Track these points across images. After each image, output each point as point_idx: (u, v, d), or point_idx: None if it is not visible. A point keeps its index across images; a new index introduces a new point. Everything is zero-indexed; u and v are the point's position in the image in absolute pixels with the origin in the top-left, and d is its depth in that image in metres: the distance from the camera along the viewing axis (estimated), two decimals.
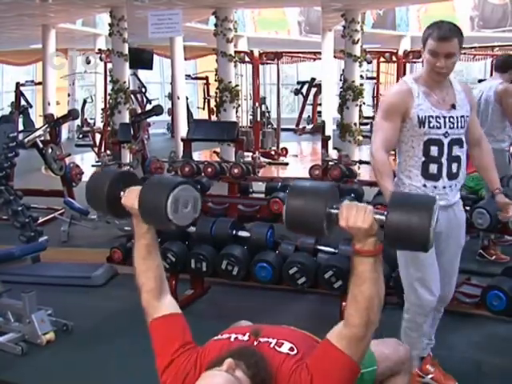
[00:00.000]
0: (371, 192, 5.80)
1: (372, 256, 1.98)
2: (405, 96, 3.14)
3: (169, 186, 2.11)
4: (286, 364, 2.04)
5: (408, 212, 1.88)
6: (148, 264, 2.27)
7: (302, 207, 1.95)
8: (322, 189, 2.02)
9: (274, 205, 4.93)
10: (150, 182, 2.21)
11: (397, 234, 1.90)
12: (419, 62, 13.77)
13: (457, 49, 3.04)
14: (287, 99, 23.40)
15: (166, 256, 4.61)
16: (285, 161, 13.22)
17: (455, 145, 3.17)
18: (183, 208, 2.14)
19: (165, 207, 2.06)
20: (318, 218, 1.94)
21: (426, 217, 1.87)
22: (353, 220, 1.94)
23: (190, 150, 8.41)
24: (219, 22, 11.64)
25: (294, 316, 4.58)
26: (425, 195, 2.32)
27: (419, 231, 1.87)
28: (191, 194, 2.19)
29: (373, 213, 1.94)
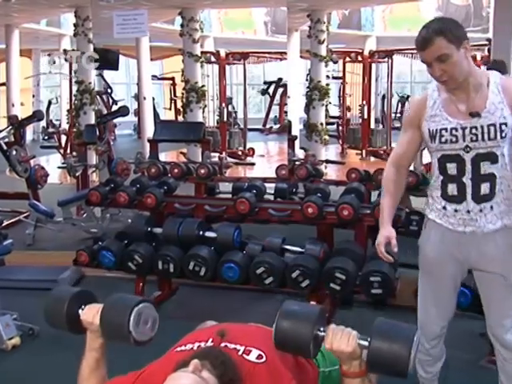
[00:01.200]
0: (338, 191, 5.82)
1: (359, 377, 2.09)
2: (419, 106, 2.80)
3: (134, 301, 2.21)
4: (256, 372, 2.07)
5: (389, 341, 2.02)
6: (94, 375, 2.31)
7: (291, 329, 2.07)
8: (310, 312, 2.14)
9: (241, 205, 4.92)
10: (114, 297, 2.29)
11: (378, 360, 2.03)
12: (384, 61, 13.92)
13: (447, 47, 2.53)
14: (254, 99, 23.40)
15: (132, 258, 4.58)
16: (252, 161, 13.23)
17: (484, 160, 2.66)
18: (143, 324, 2.20)
19: (128, 319, 2.14)
20: (305, 341, 2.06)
21: (406, 347, 2.00)
22: (337, 344, 2.05)
23: (157, 150, 8.39)
24: (185, 22, 11.63)
25: (262, 316, 4.55)
26: (406, 326, 2.18)
27: (399, 360, 2.00)
28: (152, 313, 2.26)
29: (357, 338, 2.06)
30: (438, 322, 2.97)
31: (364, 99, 13.71)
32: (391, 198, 2.92)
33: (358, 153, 13.75)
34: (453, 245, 2.78)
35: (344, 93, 14.82)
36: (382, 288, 4.10)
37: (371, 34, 18.35)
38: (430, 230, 2.88)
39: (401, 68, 21.02)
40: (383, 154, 13.51)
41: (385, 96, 15.00)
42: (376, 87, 15.90)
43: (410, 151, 2.90)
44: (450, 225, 2.76)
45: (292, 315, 2.12)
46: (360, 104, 13.86)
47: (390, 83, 13.99)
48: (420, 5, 17.49)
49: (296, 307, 2.18)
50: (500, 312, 2.80)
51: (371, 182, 6.12)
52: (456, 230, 2.74)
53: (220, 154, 12.32)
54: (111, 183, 5.80)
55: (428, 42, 2.55)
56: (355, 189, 5.33)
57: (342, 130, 14.94)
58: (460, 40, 2.55)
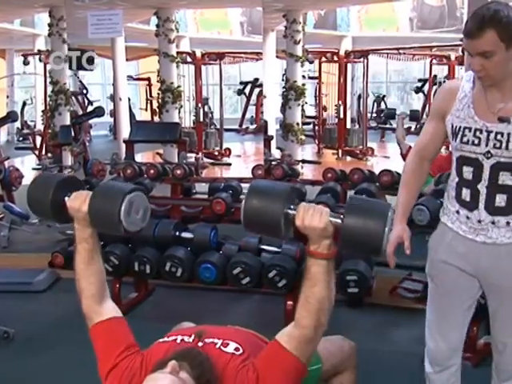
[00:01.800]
0: (314, 191, 5.84)
1: (325, 259, 2.03)
2: (448, 95, 2.54)
3: (126, 189, 2.13)
4: (232, 364, 2.05)
5: (363, 217, 1.96)
6: (90, 269, 2.25)
7: (260, 207, 1.99)
8: (280, 189, 2.07)
9: (217, 205, 4.93)
10: (105, 184, 2.25)
11: (352, 237, 1.97)
12: (360, 61, 13.99)
13: (496, 45, 2.25)
14: (230, 99, 23.38)
15: (108, 259, 4.56)
16: (228, 161, 13.22)
17: (503, 170, 2.41)
18: (134, 214, 2.15)
19: (119, 207, 2.07)
20: (275, 218, 1.98)
21: (381, 222, 1.95)
22: (309, 220, 1.99)
23: (133, 151, 8.37)
24: (161, 22, 11.57)
25: (239, 316, 4.60)
26: (381, 202, 2.15)
27: (373, 236, 1.95)
28: (144, 202, 2.20)
29: (329, 215, 2.00)
30: (439, 342, 2.73)
31: (340, 99, 13.74)
32: (409, 192, 2.68)
33: (334, 152, 13.78)
34: (462, 250, 2.57)
35: (320, 93, 14.86)
36: (358, 287, 4.14)
37: (347, 34, 18.40)
38: (440, 232, 2.68)
39: (376, 68, 21.13)
40: (359, 154, 13.58)
41: (361, 96, 15.07)
42: (352, 87, 15.95)
43: (434, 143, 2.65)
44: (461, 231, 2.55)
45: (262, 192, 2.05)
46: (336, 104, 13.88)
47: (365, 83, 14.04)
48: (395, 5, 17.58)
49: (265, 184, 2.15)
50: (508, 333, 2.62)
51: (347, 181, 6.15)
52: (466, 237, 2.54)
53: (196, 154, 12.31)
54: (87, 184, 5.77)
55: (477, 34, 2.26)
56: (331, 188, 5.36)
57: (318, 129, 14.97)
58: (507, 38, 2.26)
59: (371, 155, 13.65)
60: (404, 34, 18.24)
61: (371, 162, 13.28)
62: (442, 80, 14.79)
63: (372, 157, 13.63)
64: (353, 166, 7.18)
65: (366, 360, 2.89)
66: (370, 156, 13.59)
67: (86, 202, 2.15)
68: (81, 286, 2.26)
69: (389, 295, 4.84)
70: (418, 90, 17.99)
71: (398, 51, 15.07)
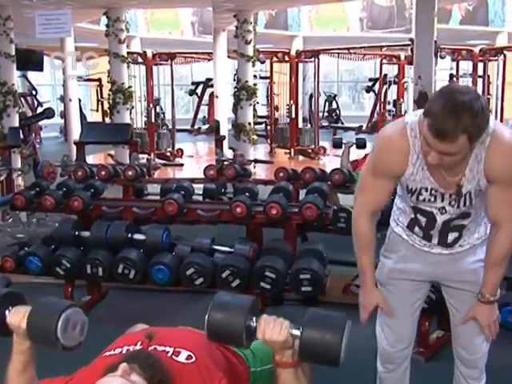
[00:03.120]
0: (266, 190, 5.85)
1: (292, 366, 2.10)
2: (399, 158, 2.37)
3: (62, 306, 2.15)
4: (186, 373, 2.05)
5: (321, 330, 2.05)
6: (23, 379, 2.23)
7: (223, 320, 2.07)
8: (242, 303, 2.14)
9: (169, 206, 4.90)
10: (41, 301, 2.22)
11: (310, 349, 2.05)
12: (311, 61, 14.07)
13: (463, 147, 2.14)
14: (182, 100, 23.32)
15: (60, 262, 4.51)
16: (180, 162, 13.18)
17: (455, 220, 2.48)
18: (71, 330, 2.15)
19: (55, 325, 2.08)
20: (237, 331, 2.06)
21: (338, 335, 2.03)
22: (269, 333, 2.05)
23: (84, 153, 8.29)
24: (111, 22, 11.48)
25: (193, 317, 4.52)
26: (338, 315, 2.14)
27: (331, 349, 2.04)
28: (81, 317, 2.20)
29: (289, 328, 2.07)
30: (393, 344, 2.76)
31: (291, 99, 13.81)
32: (371, 255, 2.61)
33: (286, 152, 13.84)
34: (417, 261, 2.61)
35: (272, 92, 14.90)
36: (311, 285, 4.15)
37: (298, 34, 18.51)
38: (393, 241, 2.67)
39: (328, 67, 21.31)
40: (311, 153, 13.66)
41: (312, 95, 15.14)
42: (303, 87, 16.02)
43: (386, 199, 2.54)
44: (416, 244, 2.59)
45: (224, 306, 2.12)
46: (288, 103, 13.95)
47: (317, 83, 14.13)
48: (345, 5, 17.74)
49: (228, 298, 2.19)
50: (470, 329, 2.63)
51: (299, 180, 6.17)
52: (422, 249, 2.58)
53: (148, 155, 12.26)
54: (37, 187, 5.69)
55: (448, 139, 2.10)
56: (283, 188, 5.36)
57: (270, 129, 15.02)
58: (479, 137, 2.17)
59: (323, 154, 13.75)
60: (354, 34, 18.44)
61: (323, 161, 13.37)
62: (392, 79, 14.99)
63: (324, 156, 13.72)
64: (305, 165, 7.19)
65: None
66: (322, 155, 13.69)
67: (25, 318, 2.15)
68: None
69: (342, 293, 4.88)
70: (368, 89, 18.21)
71: (349, 51, 15.21)
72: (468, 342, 2.67)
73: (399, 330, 2.73)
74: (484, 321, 2.54)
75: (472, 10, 18.25)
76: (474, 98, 2.11)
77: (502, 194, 2.34)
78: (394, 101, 14.95)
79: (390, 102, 15.50)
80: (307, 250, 4.54)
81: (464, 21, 18.26)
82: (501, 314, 3.36)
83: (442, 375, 2.94)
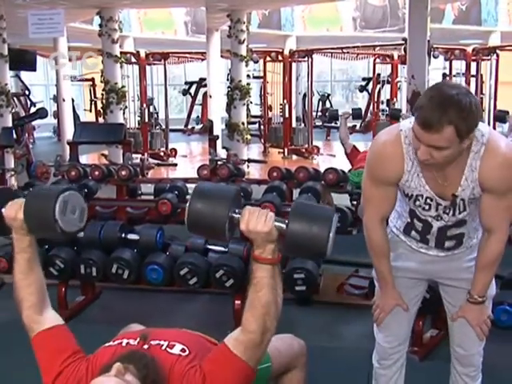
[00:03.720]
0: (260, 190, 5.86)
1: (270, 263, 2.02)
2: (395, 164, 2.38)
3: (59, 189, 2.11)
4: (178, 365, 2.04)
5: (308, 221, 1.96)
6: (29, 279, 2.20)
7: (205, 210, 1.96)
8: (225, 192, 2.05)
9: (163, 206, 4.91)
10: (38, 187, 2.20)
11: (296, 241, 1.97)
12: (304, 60, 14.07)
13: (451, 140, 2.12)
14: (176, 100, 23.31)
15: (54, 263, 4.50)
16: (174, 161, 13.17)
17: (451, 228, 2.49)
18: (70, 213, 2.12)
19: (53, 207, 2.04)
20: (220, 222, 1.96)
21: (325, 227, 1.95)
22: (253, 224, 1.97)
23: (77, 153, 8.27)
24: (104, 22, 11.45)
25: (187, 317, 4.58)
26: (325, 207, 2.13)
27: (317, 240, 1.95)
28: (79, 201, 2.17)
29: (274, 219, 1.99)
30: (389, 340, 2.77)
31: (285, 98, 13.81)
32: (388, 261, 2.61)
33: (280, 151, 13.84)
34: (414, 260, 2.64)
35: (265, 92, 14.89)
36: (305, 285, 4.16)
37: (291, 33, 18.51)
38: (391, 240, 2.65)
39: (321, 67, 21.32)
40: (305, 153, 13.66)
41: (305, 95, 15.15)
42: (297, 86, 16.00)
43: (392, 203, 2.53)
44: (413, 245, 2.62)
45: (206, 195, 2.02)
46: (281, 103, 13.95)
47: (310, 82, 14.14)
48: (338, 5, 17.75)
49: (210, 186, 2.12)
50: (465, 327, 2.63)
51: (292, 180, 6.18)
52: (419, 251, 2.61)
53: (142, 155, 12.25)
54: (30, 187, 5.68)
55: (434, 129, 2.10)
56: (277, 187, 5.38)
57: (264, 129, 15.01)
58: (469, 133, 2.16)
59: (317, 154, 13.75)
60: (348, 34, 18.44)
61: (317, 160, 13.38)
62: (385, 78, 15.01)
63: (318, 155, 13.73)
64: (299, 164, 7.21)
65: (316, 357, 2.91)
66: (315, 154, 13.69)
67: (21, 208, 2.12)
68: (19, 296, 2.21)
69: (336, 292, 4.89)
70: (362, 88, 18.23)
71: (342, 50, 15.21)
72: (464, 340, 2.67)
73: (395, 326, 2.73)
74: (473, 320, 2.55)
75: (465, 10, 18.28)
76: (462, 93, 2.13)
77: (497, 203, 2.35)
78: (387, 100, 14.96)
79: (384, 102, 15.51)
80: None
81: (457, 20, 18.28)
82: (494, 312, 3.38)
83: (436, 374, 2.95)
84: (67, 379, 2.06)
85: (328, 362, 3.69)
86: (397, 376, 2.82)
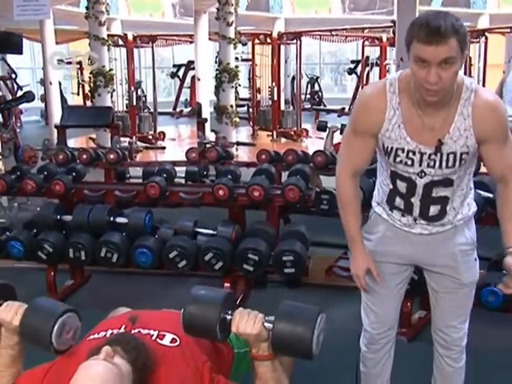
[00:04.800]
0: (249, 173, 5.85)
1: (267, 360, 2.12)
2: (376, 112, 2.34)
3: (59, 310, 2.15)
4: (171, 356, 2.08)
5: (293, 323, 2.08)
6: (9, 372, 2.22)
7: (198, 314, 2.12)
8: (217, 296, 2.18)
9: (151, 189, 4.89)
10: (38, 302, 2.22)
11: (282, 342, 2.09)
12: (293, 43, 14.02)
13: (457, 51, 2.08)
14: (164, 83, 23.20)
15: (42, 247, 4.49)
16: (162, 145, 13.15)
17: (437, 186, 2.40)
18: (65, 334, 2.15)
19: (51, 329, 2.09)
20: (211, 324, 2.10)
21: (309, 328, 2.07)
22: (243, 327, 2.08)
23: (65, 136, 8.24)
24: (91, 4, 11.37)
25: (177, 299, 4.53)
26: (310, 307, 2.16)
27: (302, 342, 2.07)
28: (75, 322, 2.20)
29: (262, 321, 2.10)
30: (376, 326, 2.75)
31: (274, 81, 13.79)
32: (357, 216, 2.57)
33: (268, 134, 13.83)
34: (398, 242, 2.57)
35: (254, 75, 14.86)
36: (294, 267, 4.16)
37: (280, 15, 18.46)
38: (374, 222, 2.64)
39: (310, 50, 21.26)
40: (294, 135, 13.66)
41: (294, 77, 15.11)
42: (285, 69, 15.96)
43: (367, 157, 2.48)
44: (396, 223, 2.54)
45: (199, 300, 2.16)
46: (270, 86, 13.93)
47: (299, 65, 14.11)
48: None
49: (203, 292, 2.22)
50: (448, 312, 2.65)
51: (281, 162, 6.18)
52: (403, 229, 2.54)
53: (130, 138, 12.21)
54: (17, 171, 5.66)
55: (442, 38, 2.05)
56: (265, 170, 5.37)
57: (253, 111, 14.98)
58: (466, 49, 2.15)
59: (306, 136, 13.76)
60: (336, 16, 18.41)
61: (306, 143, 13.38)
62: (374, 61, 14.98)
63: (306, 138, 13.73)
64: (287, 147, 7.20)
65: None
66: (304, 137, 13.69)
67: (18, 315, 2.15)
68: None
69: (325, 274, 4.90)
70: (351, 71, 18.17)
71: (331, 33, 15.17)
72: (446, 325, 2.67)
73: (382, 312, 2.72)
74: None
75: None
76: (450, 15, 2.12)
77: (500, 152, 2.33)
78: None
79: None
80: (290, 232, 4.55)
81: (446, 2, 18.28)
82: (481, 294, 3.41)
83: (424, 355, 2.96)
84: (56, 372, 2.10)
85: None
86: (385, 359, 2.82)
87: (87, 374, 1.85)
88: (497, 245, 2.38)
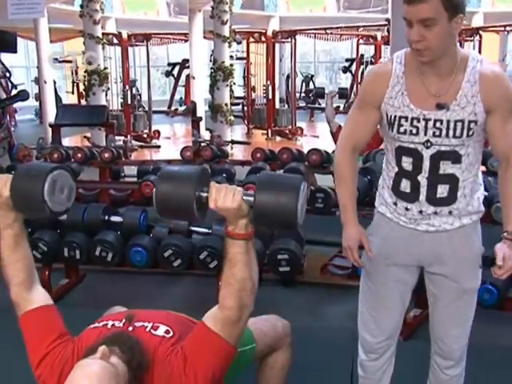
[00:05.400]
0: (243, 171, 5.86)
1: (243, 239, 2.01)
2: (380, 81, 2.34)
3: (47, 168, 2.08)
4: (162, 346, 2.05)
5: (275, 192, 1.93)
6: (17, 255, 2.18)
7: (172, 192, 1.95)
8: (190, 172, 2.02)
9: (146, 188, 4.89)
10: (25, 165, 2.17)
11: (265, 213, 1.94)
12: (288, 41, 14.03)
13: (438, 12, 2.08)
14: (159, 81, 23.19)
15: (37, 246, 4.48)
16: (157, 143, 13.14)
17: (444, 160, 2.30)
18: (59, 193, 2.10)
19: (42, 187, 2.02)
20: (187, 202, 1.94)
21: (293, 196, 1.92)
22: (222, 201, 1.96)
23: (59, 135, 8.22)
24: (85, 2, 11.38)
25: (172, 299, 4.58)
26: (293, 176, 2.05)
27: (286, 211, 1.92)
28: (68, 180, 2.15)
29: (242, 194, 1.97)
30: (376, 334, 2.63)
31: (268, 79, 13.78)
32: (351, 189, 2.52)
33: (263, 133, 13.83)
34: (402, 242, 2.46)
35: (248, 73, 14.85)
36: (289, 265, 4.17)
37: (274, 14, 18.47)
38: (377, 223, 2.55)
39: (304, 48, 21.26)
40: (289, 134, 13.66)
41: (289, 76, 15.12)
42: (280, 67, 15.98)
43: (368, 133, 2.47)
44: (401, 221, 2.44)
45: (171, 177, 2.02)
46: (264, 84, 13.93)
47: (293, 63, 14.12)
48: None
49: (175, 169, 2.10)
50: (448, 319, 2.56)
51: (276, 161, 6.18)
52: (407, 227, 2.42)
53: (125, 137, 12.19)
54: (12, 170, 5.64)
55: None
56: (260, 168, 5.38)
57: (247, 110, 14.98)
58: (456, 10, 2.11)
59: (300, 135, 13.76)
60: (331, 14, 18.43)
61: (300, 141, 13.38)
62: (368, 59, 15.00)
63: (301, 136, 13.74)
64: (282, 145, 7.20)
65: (301, 337, 2.93)
66: (299, 136, 13.70)
67: (7, 185, 2.08)
68: (8, 274, 2.19)
69: (320, 273, 4.90)
70: (345, 69, 18.19)
71: (326, 31, 15.17)
72: (446, 334, 2.58)
73: (384, 320, 2.61)
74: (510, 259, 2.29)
75: None
76: None
77: (506, 126, 2.28)
78: None
79: None
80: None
81: None
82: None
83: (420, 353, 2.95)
84: (53, 361, 2.07)
85: (312, 342, 3.71)
86: (386, 366, 2.71)
87: (83, 372, 1.85)
88: (493, 243, 2.37)
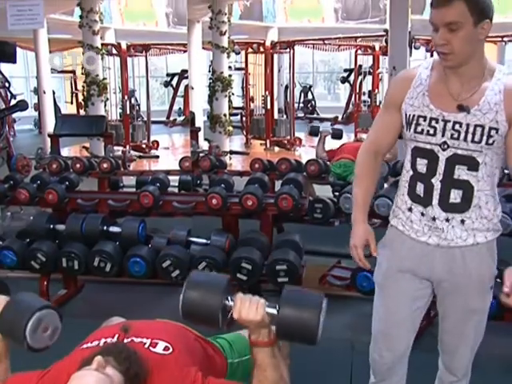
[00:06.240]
0: (242, 182, 5.85)
1: (267, 346, 2.10)
2: (402, 84, 2.39)
3: (37, 305, 2.11)
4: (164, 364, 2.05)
5: (298, 308, 2.05)
6: None
7: (199, 300, 2.05)
8: (217, 281, 2.13)
9: (145, 198, 4.88)
10: (20, 295, 2.19)
11: (287, 328, 2.06)
12: (286, 52, 14.06)
13: (464, 16, 2.11)
14: (157, 91, 23.20)
15: (35, 256, 4.49)
16: (156, 154, 13.13)
17: (460, 164, 2.27)
18: (42, 331, 2.11)
19: (26, 323, 2.04)
20: (213, 312, 2.05)
21: (315, 314, 2.03)
22: (245, 312, 2.05)
23: (58, 145, 8.22)
24: (84, 13, 11.37)
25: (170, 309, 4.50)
26: (315, 293, 2.11)
27: (308, 328, 2.04)
28: (54, 321, 2.16)
29: (265, 306, 2.07)
30: (385, 354, 2.59)
31: (267, 90, 13.80)
32: (366, 190, 2.55)
33: (262, 143, 13.84)
34: (414, 256, 2.43)
35: (247, 84, 14.87)
36: (288, 276, 4.17)
37: (273, 24, 18.47)
38: (390, 237, 2.53)
39: (303, 58, 21.29)
40: (287, 144, 13.67)
41: (287, 86, 15.15)
42: (279, 78, 15.99)
43: (388, 137, 2.49)
44: (413, 233, 2.41)
45: (199, 285, 2.10)
46: (263, 94, 13.95)
47: (292, 73, 14.15)
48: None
49: (203, 277, 2.19)
50: (453, 338, 2.56)
51: (275, 171, 6.18)
52: (419, 240, 2.39)
53: (123, 147, 12.20)
54: (11, 180, 5.64)
55: (447, 1, 2.11)
56: (259, 179, 5.37)
57: (246, 120, 14.98)
58: (482, 15, 2.14)
59: (299, 145, 13.78)
60: (329, 25, 18.41)
61: (299, 152, 13.40)
62: (367, 70, 15.03)
63: (300, 147, 13.75)
64: (281, 156, 7.21)
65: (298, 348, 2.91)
66: (297, 146, 13.71)
67: None
68: None
69: (319, 283, 4.90)
70: (344, 79, 18.23)
71: (324, 42, 15.21)
72: (453, 351, 2.57)
73: (393, 338, 2.57)
74: None
75: None
76: None
77: None
78: (369, 91, 14.97)
79: (366, 93, 15.52)
80: (283, 241, 4.56)
81: None
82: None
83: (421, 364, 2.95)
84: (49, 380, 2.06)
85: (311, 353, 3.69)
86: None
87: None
88: None
